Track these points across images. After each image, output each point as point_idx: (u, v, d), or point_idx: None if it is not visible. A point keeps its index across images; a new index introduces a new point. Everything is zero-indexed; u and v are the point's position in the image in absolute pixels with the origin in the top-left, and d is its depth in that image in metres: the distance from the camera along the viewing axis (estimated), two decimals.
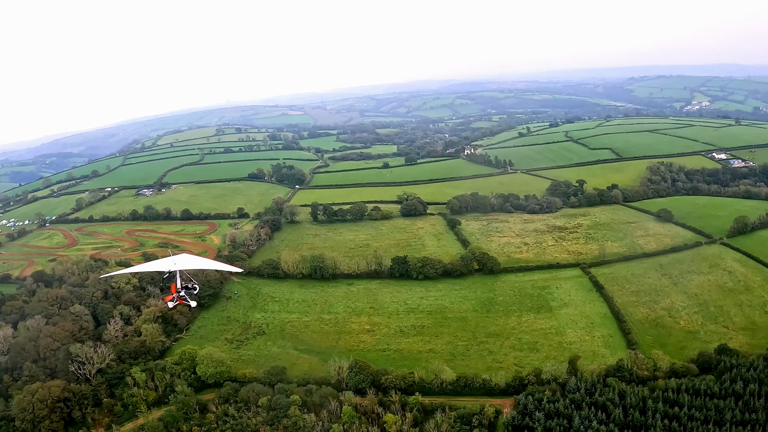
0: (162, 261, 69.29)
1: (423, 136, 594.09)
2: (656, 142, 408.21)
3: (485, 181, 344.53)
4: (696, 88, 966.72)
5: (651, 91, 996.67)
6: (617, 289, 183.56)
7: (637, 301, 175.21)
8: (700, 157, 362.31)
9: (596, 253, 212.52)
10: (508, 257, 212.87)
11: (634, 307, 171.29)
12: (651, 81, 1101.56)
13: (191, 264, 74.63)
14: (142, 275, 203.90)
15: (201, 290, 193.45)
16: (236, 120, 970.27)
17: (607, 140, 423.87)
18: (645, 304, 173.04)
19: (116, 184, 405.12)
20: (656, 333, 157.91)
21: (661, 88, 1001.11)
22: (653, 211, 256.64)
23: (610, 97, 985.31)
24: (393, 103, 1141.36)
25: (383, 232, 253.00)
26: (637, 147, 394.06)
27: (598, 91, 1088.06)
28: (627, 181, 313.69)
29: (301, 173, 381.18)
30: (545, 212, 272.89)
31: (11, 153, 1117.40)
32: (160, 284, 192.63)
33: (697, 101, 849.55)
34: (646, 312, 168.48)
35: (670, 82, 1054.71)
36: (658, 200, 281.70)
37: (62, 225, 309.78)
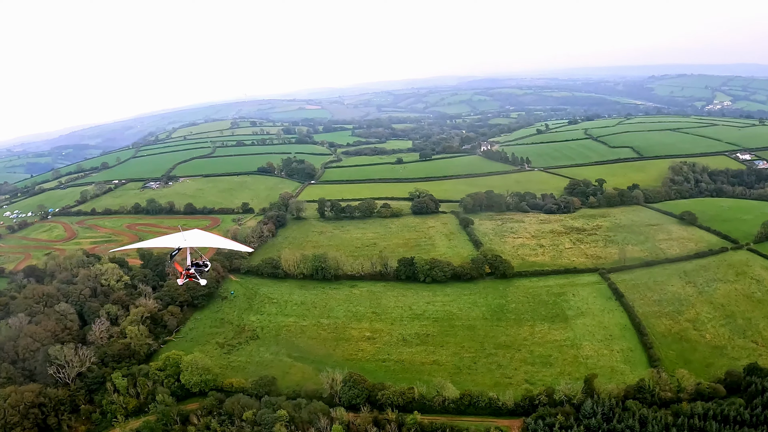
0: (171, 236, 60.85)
1: (439, 131, 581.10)
2: (678, 141, 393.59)
3: (501, 179, 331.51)
4: (717, 87, 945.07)
5: (672, 89, 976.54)
6: (638, 297, 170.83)
7: (659, 311, 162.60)
8: (724, 157, 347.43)
9: (616, 257, 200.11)
10: (523, 260, 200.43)
11: (656, 318, 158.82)
12: (672, 80, 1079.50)
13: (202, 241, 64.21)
14: (136, 274, 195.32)
15: (195, 289, 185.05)
16: (253, 114, 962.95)
17: (628, 138, 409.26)
18: (668, 314, 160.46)
19: (124, 177, 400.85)
20: (680, 348, 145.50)
21: (682, 87, 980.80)
22: (676, 213, 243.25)
23: (631, 96, 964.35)
24: (411, 99, 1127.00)
25: (392, 230, 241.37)
26: (658, 146, 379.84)
27: (618, 89, 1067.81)
28: (648, 181, 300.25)
29: (312, 168, 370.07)
30: (563, 212, 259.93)
31: (30, 144, 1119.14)
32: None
33: (719, 101, 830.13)
34: (669, 324, 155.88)
35: (691, 80, 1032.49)
36: (680, 202, 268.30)
37: (64, 217, 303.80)
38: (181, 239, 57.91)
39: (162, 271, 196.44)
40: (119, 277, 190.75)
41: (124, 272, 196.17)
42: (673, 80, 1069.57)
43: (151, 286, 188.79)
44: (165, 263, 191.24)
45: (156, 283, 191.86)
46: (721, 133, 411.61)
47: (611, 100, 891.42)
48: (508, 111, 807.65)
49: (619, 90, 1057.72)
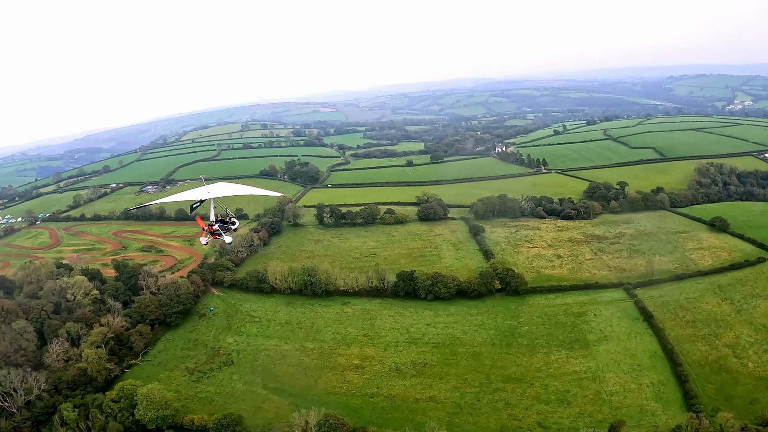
0: (195, 190, 57.17)
1: (454, 133, 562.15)
2: (702, 141, 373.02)
3: (516, 182, 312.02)
4: (738, 87, 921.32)
5: (691, 89, 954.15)
6: (669, 318, 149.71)
7: (693, 334, 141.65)
8: (751, 157, 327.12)
9: (642, 269, 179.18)
10: (538, 273, 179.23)
11: (690, 343, 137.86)
12: (691, 80, 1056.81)
13: (226, 190, 59.94)
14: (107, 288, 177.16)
15: (168, 306, 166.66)
16: (267, 116, 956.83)
17: (649, 139, 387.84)
18: (704, 338, 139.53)
19: (124, 180, 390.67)
20: (719, 380, 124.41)
21: (702, 87, 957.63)
22: (706, 219, 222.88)
23: (649, 96, 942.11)
24: (426, 101, 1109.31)
25: (395, 238, 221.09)
26: (682, 146, 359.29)
27: (636, 90, 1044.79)
28: (673, 184, 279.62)
29: (316, 171, 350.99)
30: (582, 218, 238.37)
31: (45, 148, 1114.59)
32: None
33: (740, 100, 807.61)
34: (706, 350, 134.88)
35: (710, 80, 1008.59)
36: (708, 206, 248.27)
37: (53, 223, 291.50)
38: (204, 192, 54.32)
39: (136, 284, 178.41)
40: (88, 291, 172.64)
41: (95, 285, 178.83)
42: (692, 80, 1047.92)
43: (122, 302, 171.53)
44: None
45: (128, 298, 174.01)
46: (747, 132, 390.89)
47: (629, 101, 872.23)
48: (525, 112, 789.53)
49: (637, 91, 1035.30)
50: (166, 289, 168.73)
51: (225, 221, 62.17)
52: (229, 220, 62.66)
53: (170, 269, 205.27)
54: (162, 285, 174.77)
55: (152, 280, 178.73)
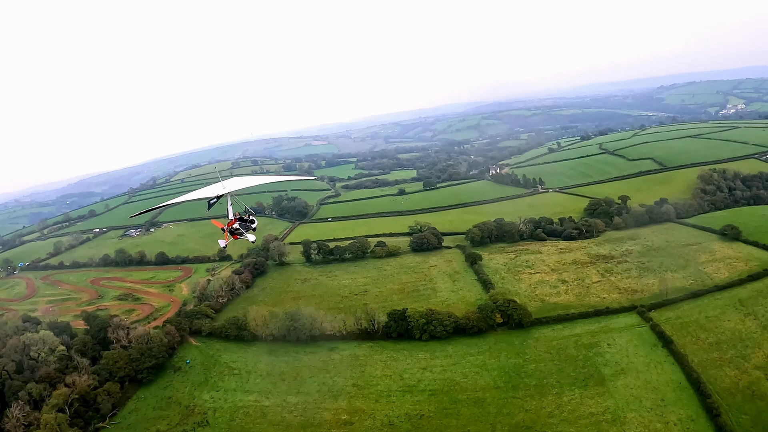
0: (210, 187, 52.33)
1: (447, 158, 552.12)
2: (701, 147, 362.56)
3: (513, 204, 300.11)
4: (729, 91, 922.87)
5: (682, 98, 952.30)
6: (690, 341, 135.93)
7: (719, 358, 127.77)
8: (754, 160, 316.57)
9: (655, 289, 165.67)
10: (542, 302, 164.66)
11: (717, 369, 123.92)
12: (681, 88, 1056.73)
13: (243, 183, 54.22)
14: (75, 342, 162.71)
15: (140, 361, 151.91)
16: (259, 153, 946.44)
17: (647, 149, 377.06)
18: (731, 362, 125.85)
19: (108, 225, 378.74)
20: (754, 408, 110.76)
21: (693, 95, 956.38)
22: (715, 228, 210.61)
23: (641, 107, 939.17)
24: (418, 128, 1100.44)
25: (387, 273, 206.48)
26: (681, 154, 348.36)
27: (627, 102, 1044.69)
28: (676, 194, 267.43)
29: (305, 205, 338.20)
30: (585, 238, 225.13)
31: (39, 194, 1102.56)
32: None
33: (732, 104, 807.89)
34: (735, 375, 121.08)
35: (701, 87, 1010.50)
36: (716, 214, 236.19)
37: (32, 272, 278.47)
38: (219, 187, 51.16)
39: (105, 337, 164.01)
40: (54, 348, 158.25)
41: (63, 340, 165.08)
42: (683, 88, 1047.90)
43: (90, 358, 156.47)
44: None
45: (97, 353, 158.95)
46: (746, 135, 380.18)
47: (622, 114, 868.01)
48: (518, 133, 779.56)
49: (628, 103, 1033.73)
50: (138, 342, 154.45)
51: (245, 219, 57.02)
52: (248, 219, 57.43)
53: (146, 318, 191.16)
54: (134, 337, 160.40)
55: (123, 332, 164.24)
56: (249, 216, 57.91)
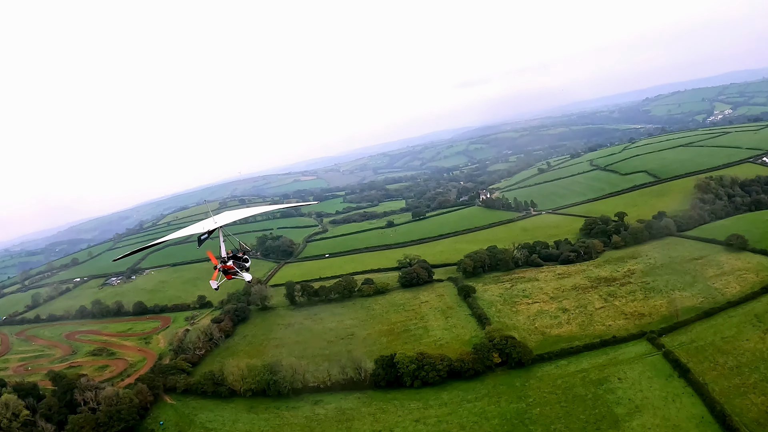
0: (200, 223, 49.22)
1: (436, 186, 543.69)
2: (695, 155, 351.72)
3: (505, 229, 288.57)
4: (714, 98, 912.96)
5: (669, 108, 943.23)
6: (708, 367, 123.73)
7: (742, 384, 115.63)
8: (749, 164, 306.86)
9: (664, 311, 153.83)
10: (543, 335, 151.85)
11: (741, 397, 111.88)
12: (667, 98, 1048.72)
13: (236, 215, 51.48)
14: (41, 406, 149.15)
15: (107, 425, 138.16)
16: (247, 191, 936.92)
17: (639, 162, 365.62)
18: (756, 387, 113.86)
19: (90, 273, 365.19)
20: None
21: (679, 104, 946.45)
22: (720, 238, 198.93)
23: (628, 121, 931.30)
24: (407, 158, 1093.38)
25: (375, 313, 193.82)
26: (675, 164, 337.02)
27: (614, 117, 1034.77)
28: (674, 206, 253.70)
29: (290, 244, 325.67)
30: (584, 260, 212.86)
31: (29, 243, 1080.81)
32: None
33: (719, 110, 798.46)
34: (762, 402, 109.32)
35: (686, 96, 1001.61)
36: (718, 223, 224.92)
37: (8, 327, 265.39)
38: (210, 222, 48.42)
39: (72, 399, 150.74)
40: (17, 413, 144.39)
41: (29, 403, 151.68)
42: (669, 99, 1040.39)
43: (56, 422, 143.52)
44: None
45: (63, 417, 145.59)
46: (738, 139, 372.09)
47: (610, 128, 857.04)
48: (506, 155, 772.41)
49: (615, 117, 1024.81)
50: (107, 404, 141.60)
51: (238, 257, 53.15)
52: (242, 256, 53.69)
53: (120, 375, 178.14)
54: (103, 398, 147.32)
55: (91, 393, 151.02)
56: (243, 254, 54.11)
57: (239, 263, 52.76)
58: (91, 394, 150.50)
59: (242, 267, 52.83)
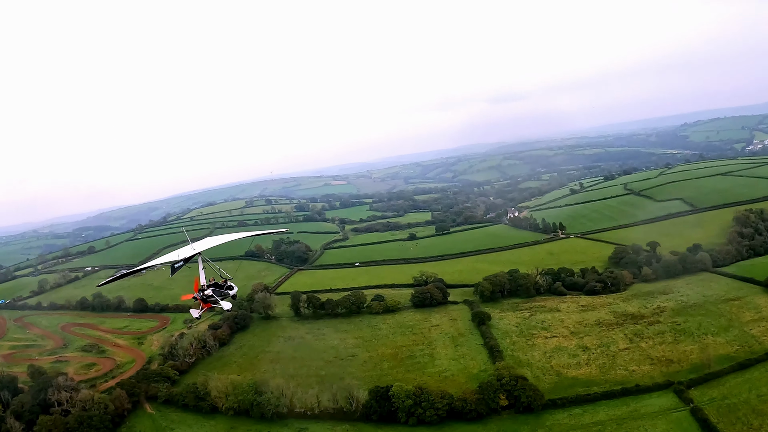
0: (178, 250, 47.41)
1: (465, 200, 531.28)
2: (733, 185, 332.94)
3: (530, 251, 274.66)
4: (755, 126, 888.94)
5: (707, 134, 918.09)
6: (741, 430, 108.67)
7: None
8: None
9: (694, 358, 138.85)
10: (559, 376, 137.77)
11: None
12: (706, 125, 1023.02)
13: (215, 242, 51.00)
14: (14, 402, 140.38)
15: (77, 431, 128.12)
16: (277, 191, 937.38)
17: (675, 189, 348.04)
18: None
19: (103, 263, 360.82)
20: None
21: (718, 131, 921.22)
22: (758, 278, 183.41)
23: (665, 145, 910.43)
24: (439, 169, 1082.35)
25: (381, 333, 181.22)
26: (712, 194, 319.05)
27: (651, 140, 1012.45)
28: (710, 238, 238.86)
29: (305, 250, 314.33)
30: (610, 292, 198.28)
31: (58, 226, 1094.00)
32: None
33: (759, 140, 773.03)
34: None
35: (726, 123, 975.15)
36: (757, 261, 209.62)
37: (9, 311, 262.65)
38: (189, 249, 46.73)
39: (45, 398, 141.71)
40: None
41: (3, 397, 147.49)
42: (707, 125, 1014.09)
43: (26, 421, 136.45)
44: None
45: (35, 416, 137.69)
46: None
47: (646, 152, 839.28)
48: (539, 173, 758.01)
49: (652, 141, 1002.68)
50: (80, 408, 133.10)
51: (220, 285, 51.02)
52: (225, 285, 51.43)
53: (104, 376, 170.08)
54: (79, 400, 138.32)
55: (66, 394, 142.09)
56: (225, 281, 51.70)
57: (220, 291, 50.63)
58: (66, 395, 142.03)
59: (225, 295, 50.81)
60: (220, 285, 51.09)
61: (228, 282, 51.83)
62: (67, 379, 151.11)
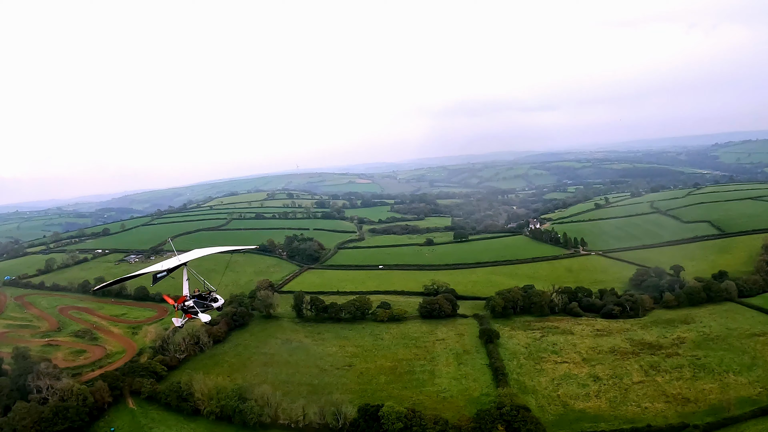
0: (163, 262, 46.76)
1: (488, 207, 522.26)
2: (764, 211, 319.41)
3: (549, 267, 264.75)
4: None
5: (738, 156, 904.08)
6: None
7: None
8: None
9: (713, 398, 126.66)
10: (565, 408, 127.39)
11: None
12: (737, 146, 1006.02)
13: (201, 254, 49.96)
14: None
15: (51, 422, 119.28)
16: (302, 186, 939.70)
17: (703, 211, 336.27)
18: None
19: (115, 246, 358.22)
20: None
21: (749, 153, 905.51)
22: None
23: (694, 165, 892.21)
24: (465, 174, 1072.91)
25: (383, 343, 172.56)
26: (741, 218, 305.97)
27: (680, 159, 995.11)
28: (737, 265, 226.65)
29: (317, 248, 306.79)
30: (628, 317, 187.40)
31: (83, 204, 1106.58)
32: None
33: None
34: None
35: (758, 146, 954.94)
36: None
37: (12, 289, 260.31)
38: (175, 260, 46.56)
39: (24, 384, 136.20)
40: None
41: None
42: (738, 146, 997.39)
43: (3, 406, 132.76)
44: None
45: (12, 401, 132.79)
46: None
47: (674, 170, 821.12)
48: (565, 185, 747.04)
49: (681, 159, 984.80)
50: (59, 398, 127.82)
51: (204, 297, 50.00)
52: (209, 297, 50.36)
53: (91, 365, 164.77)
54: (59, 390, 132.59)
55: (46, 382, 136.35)
56: (210, 294, 51.40)
57: (204, 303, 50.17)
58: (47, 383, 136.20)
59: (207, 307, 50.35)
60: (204, 297, 50.55)
61: (212, 294, 51.35)
62: (49, 366, 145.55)
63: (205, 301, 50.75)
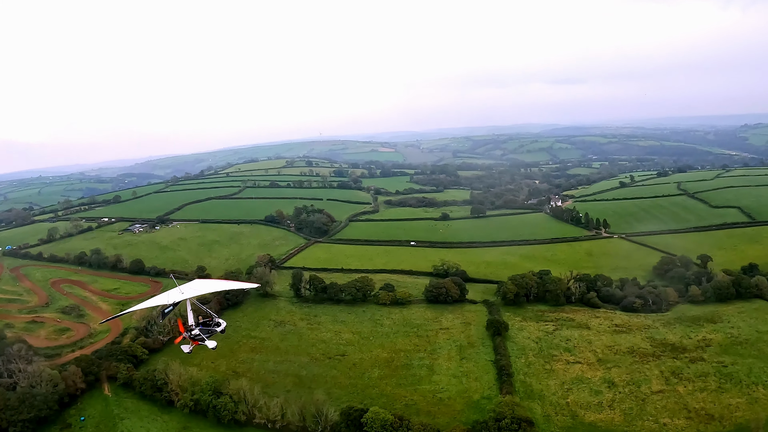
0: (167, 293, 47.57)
1: (509, 181, 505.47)
2: None
3: (568, 248, 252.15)
4: None
5: None
6: None
7: None
8: None
9: (740, 416, 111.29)
10: (574, 419, 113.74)
11: None
12: (767, 128, 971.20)
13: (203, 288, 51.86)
14: None
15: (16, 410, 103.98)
16: (324, 153, 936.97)
17: (732, 196, 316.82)
18: None
19: (122, 215, 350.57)
20: None
21: None
22: None
23: (722, 145, 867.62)
24: (489, 145, 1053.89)
25: (383, 330, 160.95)
26: None
27: (708, 139, 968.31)
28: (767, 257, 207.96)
29: (327, 220, 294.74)
30: (650, 311, 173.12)
31: (106, 170, 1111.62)
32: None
33: None
34: None
35: None
36: None
37: (10, 259, 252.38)
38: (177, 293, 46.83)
39: None
40: None
41: None
42: None
43: None
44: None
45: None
46: None
47: (702, 150, 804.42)
48: (590, 160, 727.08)
49: (709, 139, 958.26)
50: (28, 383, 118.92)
51: (207, 323, 51.34)
52: (212, 322, 51.73)
53: (72, 345, 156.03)
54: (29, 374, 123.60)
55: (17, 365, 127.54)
56: (213, 320, 51.86)
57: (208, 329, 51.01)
58: (18, 366, 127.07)
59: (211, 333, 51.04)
60: (208, 323, 51.30)
61: (215, 318, 52.13)
62: (22, 348, 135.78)
63: (209, 327, 51.22)
